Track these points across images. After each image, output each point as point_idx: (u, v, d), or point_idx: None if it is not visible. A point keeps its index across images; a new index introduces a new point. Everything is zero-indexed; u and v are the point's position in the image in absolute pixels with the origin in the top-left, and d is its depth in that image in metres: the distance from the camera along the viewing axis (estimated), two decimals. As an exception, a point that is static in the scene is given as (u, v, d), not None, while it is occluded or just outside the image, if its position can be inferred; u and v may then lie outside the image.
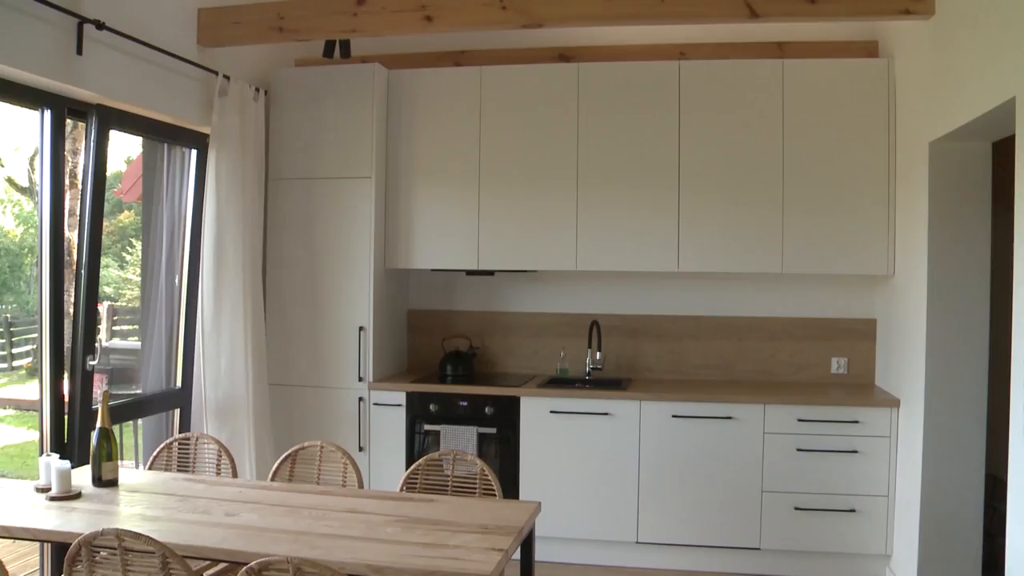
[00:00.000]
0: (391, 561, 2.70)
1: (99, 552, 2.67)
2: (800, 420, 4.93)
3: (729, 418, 5.01)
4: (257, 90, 5.31)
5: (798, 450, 4.93)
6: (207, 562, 3.30)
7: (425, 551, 2.80)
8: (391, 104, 5.63)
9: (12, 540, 3.18)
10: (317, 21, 4.81)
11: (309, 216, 5.52)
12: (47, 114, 4.02)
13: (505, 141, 5.50)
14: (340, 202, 5.48)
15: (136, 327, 5.32)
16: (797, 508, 4.95)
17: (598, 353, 5.70)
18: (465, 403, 5.34)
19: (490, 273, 5.79)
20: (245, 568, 2.41)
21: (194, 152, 5.13)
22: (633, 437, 5.11)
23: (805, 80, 5.17)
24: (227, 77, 5.02)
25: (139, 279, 5.15)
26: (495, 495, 3.60)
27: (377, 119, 5.48)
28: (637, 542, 5.13)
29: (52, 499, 3.34)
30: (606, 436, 5.15)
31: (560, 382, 5.59)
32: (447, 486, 3.73)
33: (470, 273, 5.82)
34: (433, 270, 5.86)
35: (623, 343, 5.81)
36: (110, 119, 4.35)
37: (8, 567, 2.83)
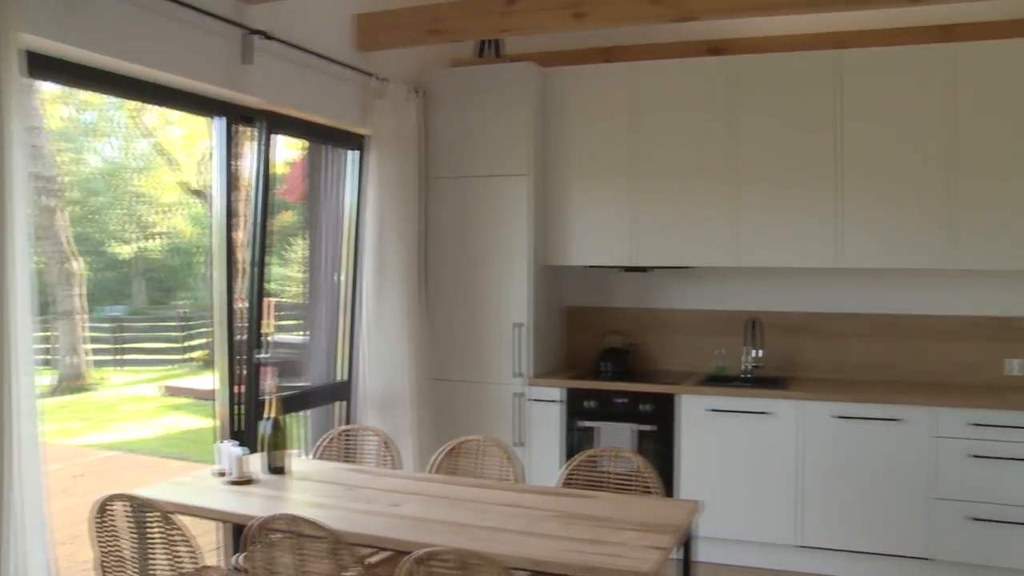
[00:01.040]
0: (552, 556, 2.70)
1: (273, 534, 2.78)
2: (973, 424, 4.63)
3: (896, 420, 4.77)
4: (415, 91, 5.44)
5: (972, 456, 4.63)
6: (371, 549, 3.39)
7: (585, 547, 2.78)
8: (544, 101, 5.65)
9: (196, 518, 3.38)
10: (469, 22, 4.87)
11: (466, 214, 5.61)
12: (220, 121, 4.23)
13: (658, 136, 5.43)
14: (496, 200, 5.54)
15: (298, 322, 5.53)
16: (972, 518, 4.64)
17: (756, 351, 5.54)
18: (622, 400, 5.30)
19: (645, 270, 5.72)
20: (411, 557, 2.46)
21: (354, 153, 5.29)
22: (794, 437, 4.95)
23: (976, 64, 4.86)
24: (384, 79, 5.16)
25: (301, 276, 5.35)
26: (653, 493, 3.55)
27: (531, 117, 5.50)
28: (798, 546, 4.96)
29: (230, 483, 3.54)
30: (765, 436, 5.00)
31: (718, 380, 5.47)
32: (604, 483, 3.71)
33: (626, 270, 5.77)
34: (588, 267, 5.84)
35: (781, 341, 5.63)
36: (276, 124, 4.54)
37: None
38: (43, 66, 3.21)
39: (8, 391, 2.77)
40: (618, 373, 5.64)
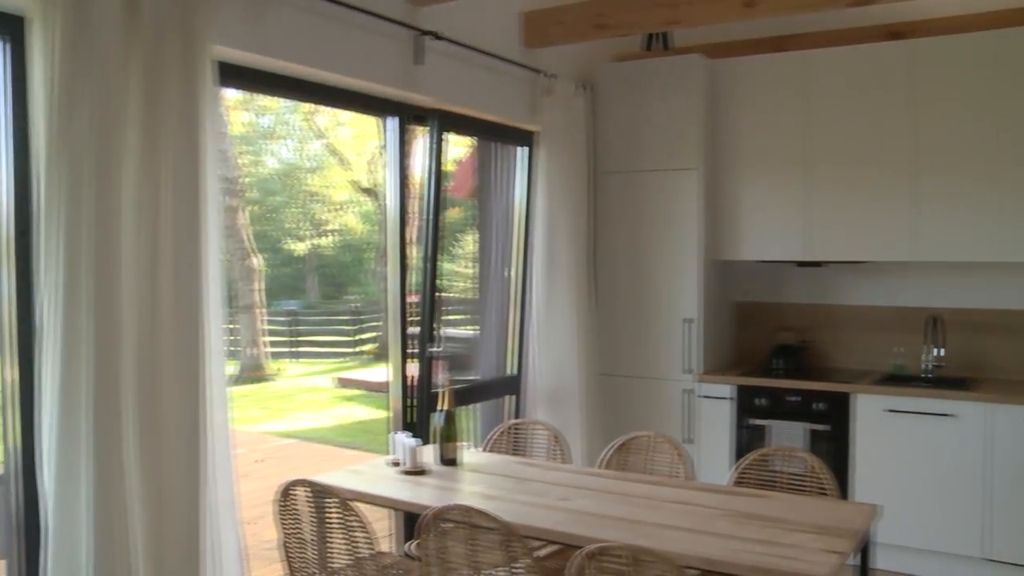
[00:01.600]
0: (724, 555, 2.64)
1: (446, 524, 2.84)
2: None
3: (1102, 426, 4.42)
4: (582, 87, 5.44)
5: None
6: (541, 542, 3.41)
7: (758, 548, 2.71)
8: (713, 94, 5.53)
9: (370, 505, 3.49)
10: (637, 16, 4.82)
11: (635, 208, 5.56)
12: (393, 122, 4.36)
13: (833, 126, 5.22)
14: (665, 194, 5.47)
15: (465, 316, 5.63)
16: None
17: (938, 350, 5.24)
18: (794, 398, 5.14)
19: (820, 264, 5.52)
20: (583, 552, 2.45)
21: (523, 149, 5.33)
22: (980, 442, 4.66)
23: None
24: (552, 76, 5.18)
25: (469, 271, 5.44)
26: (829, 495, 3.42)
27: (700, 109, 5.40)
28: (984, 559, 4.66)
29: (404, 473, 3.63)
30: (949, 439, 4.73)
31: (896, 379, 5.21)
32: (777, 483, 3.60)
33: (799, 265, 5.58)
34: (760, 262, 5.69)
35: (966, 339, 5.29)
36: (447, 122, 4.63)
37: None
38: (230, 74, 3.37)
39: (202, 379, 2.93)
40: (791, 370, 5.47)
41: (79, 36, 2.59)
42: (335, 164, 26.93)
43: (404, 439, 3.71)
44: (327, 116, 23.32)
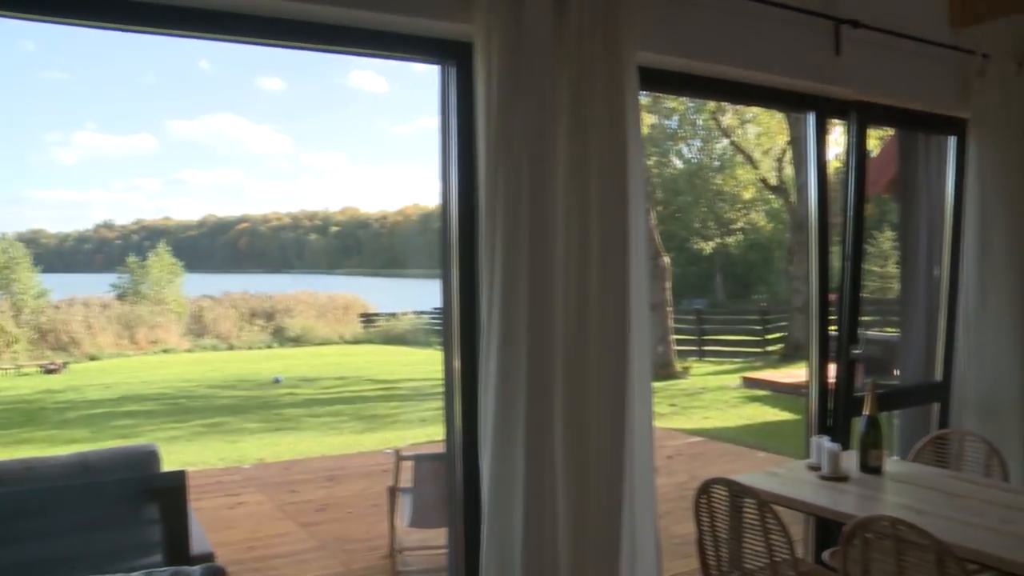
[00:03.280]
0: None
1: (871, 535, 2.71)
2: None
3: None
4: (1020, 65, 4.89)
5: None
6: (975, 566, 3.13)
7: None
8: None
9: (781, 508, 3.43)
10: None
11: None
12: (811, 117, 4.24)
13: None
14: None
15: (879, 317, 5.32)
16: None
17: None
18: None
19: None
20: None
21: (952, 139, 4.92)
22: None
23: None
24: (985, 55, 4.72)
25: (882, 270, 5.14)
26: None
27: None
28: None
29: (823, 478, 3.52)
30: None
31: None
32: None
33: None
34: None
35: None
36: (868, 114, 4.40)
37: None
38: (647, 78, 3.48)
39: (627, 374, 3.05)
40: None
41: (514, 52, 2.85)
42: (741, 162, 26.78)
43: (825, 443, 3.60)
44: (731, 115, 23.26)
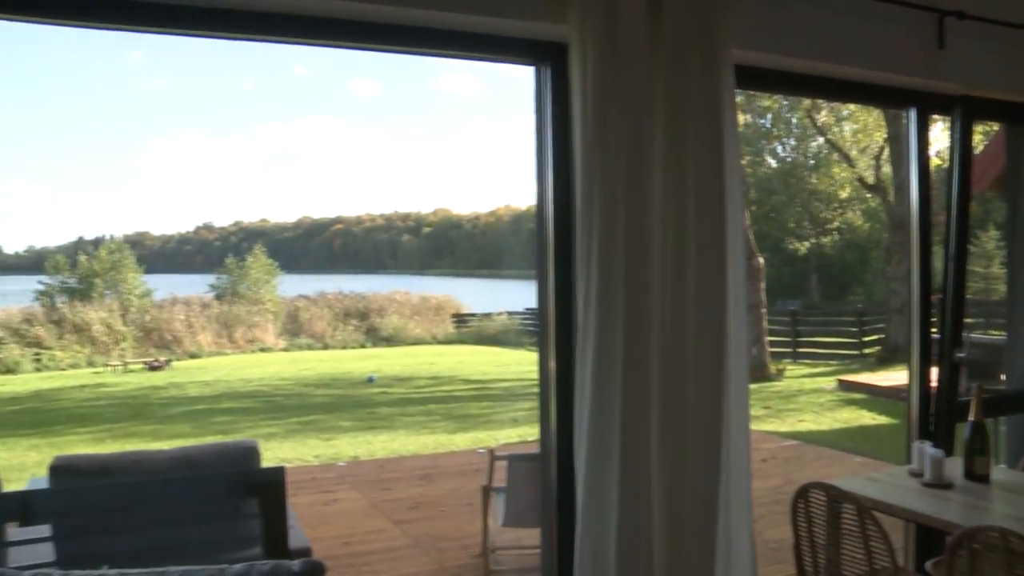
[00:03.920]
0: None
1: (979, 546, 2.62)
2: None
3: None
4: None
5: None
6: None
7: None
8: None
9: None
10: None
11: None
12: (912, 112, 4.13)
13: None
14: None
15: (980, 320, 5.13)
16: None
17: None
18: None
19: None
20: None
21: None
22: None
23: None
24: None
25: (984, 271, 4.96)
26: None
27: None
28: None
29: (925, 485, 3.41)
30: None
31: None
32: None
33: None
34: None
35: None
36: (974, 109, 4.25)
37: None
38: (743, 76, 3.43)
39: (724, 376, 3.01)
40: None
41: (609, 51, 2.85)
42: (837, 160, 26.15)
43: (928, 449, 3.50)
44: (827, 112, 22.75)
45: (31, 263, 47.62)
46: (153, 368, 21.09)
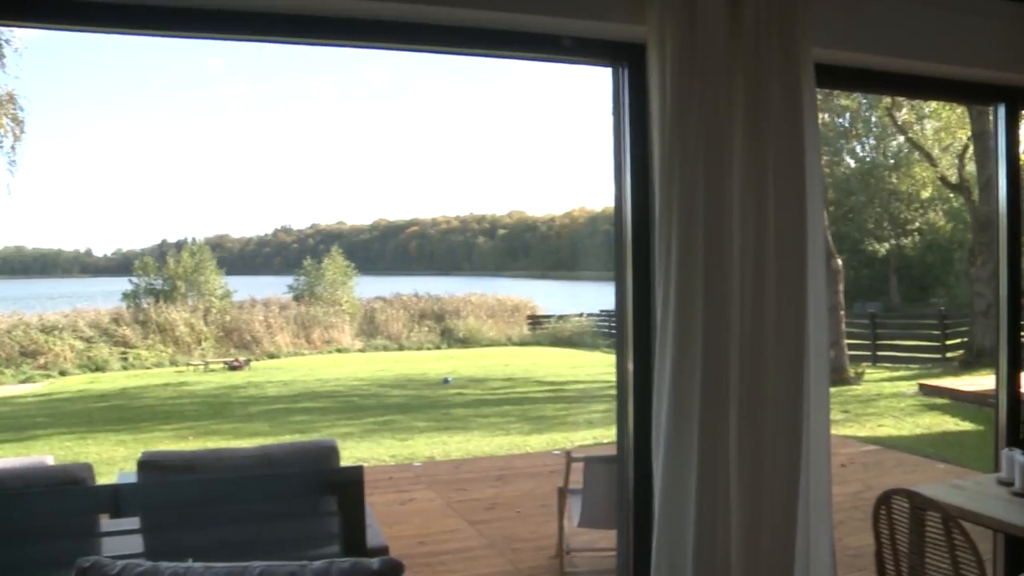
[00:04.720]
0: None
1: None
2: None
3: None
4: None
5: None
6: None
7: None
8: None
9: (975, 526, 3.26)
10: None
11: None
12: (1000, 108, 4.01)
13: None
14: None
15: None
16: None
17: None
18: None
19: None
20: None
21: None
22: None
23: None
24: None
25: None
26: None
27: None
28: None
29: (1015, 495, 3.32)
30: None
31: None
32: None
33: None
34: None
35: None
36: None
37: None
38: (824, 74, 3.37)
39: (803, 379, 2.96)
40: None
41: (688, 51, 2.83)
42: (918, 160, 25.48)
43: (1018, 457, 3.39)
44: (908, 110, 22.17)
45: (119, 265, 49.18)
46: (233, 368, 21.56)
